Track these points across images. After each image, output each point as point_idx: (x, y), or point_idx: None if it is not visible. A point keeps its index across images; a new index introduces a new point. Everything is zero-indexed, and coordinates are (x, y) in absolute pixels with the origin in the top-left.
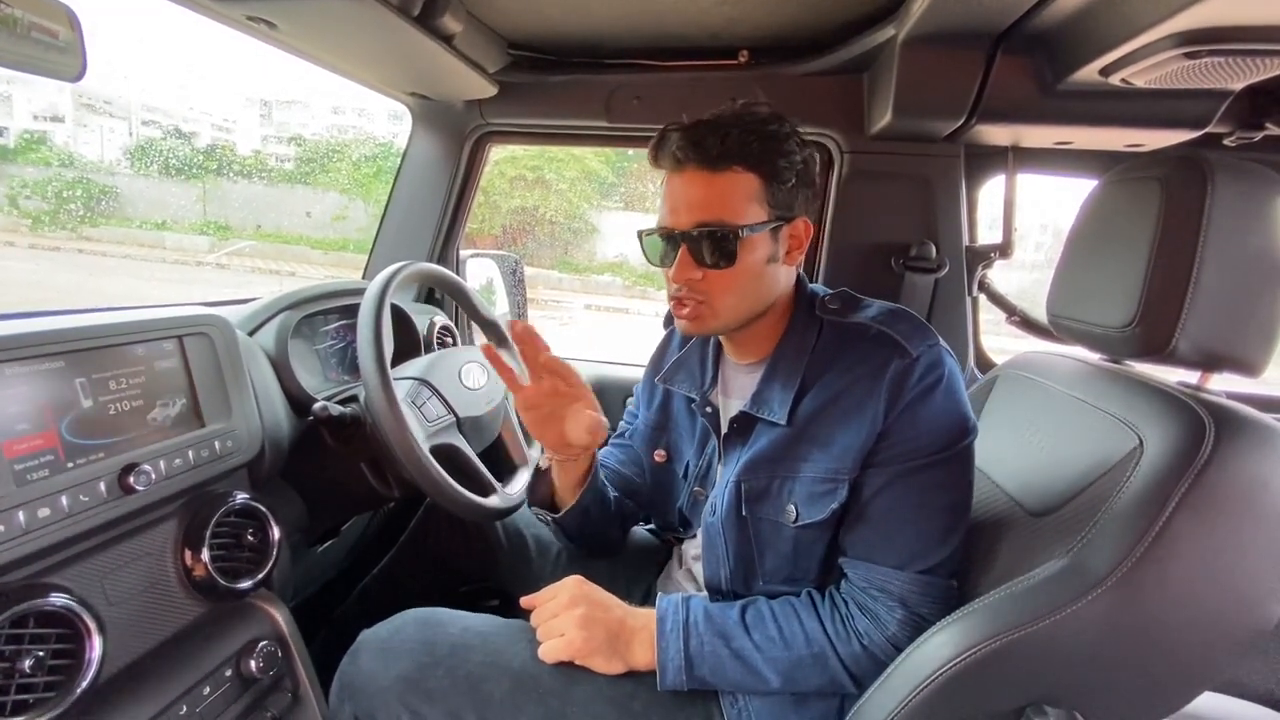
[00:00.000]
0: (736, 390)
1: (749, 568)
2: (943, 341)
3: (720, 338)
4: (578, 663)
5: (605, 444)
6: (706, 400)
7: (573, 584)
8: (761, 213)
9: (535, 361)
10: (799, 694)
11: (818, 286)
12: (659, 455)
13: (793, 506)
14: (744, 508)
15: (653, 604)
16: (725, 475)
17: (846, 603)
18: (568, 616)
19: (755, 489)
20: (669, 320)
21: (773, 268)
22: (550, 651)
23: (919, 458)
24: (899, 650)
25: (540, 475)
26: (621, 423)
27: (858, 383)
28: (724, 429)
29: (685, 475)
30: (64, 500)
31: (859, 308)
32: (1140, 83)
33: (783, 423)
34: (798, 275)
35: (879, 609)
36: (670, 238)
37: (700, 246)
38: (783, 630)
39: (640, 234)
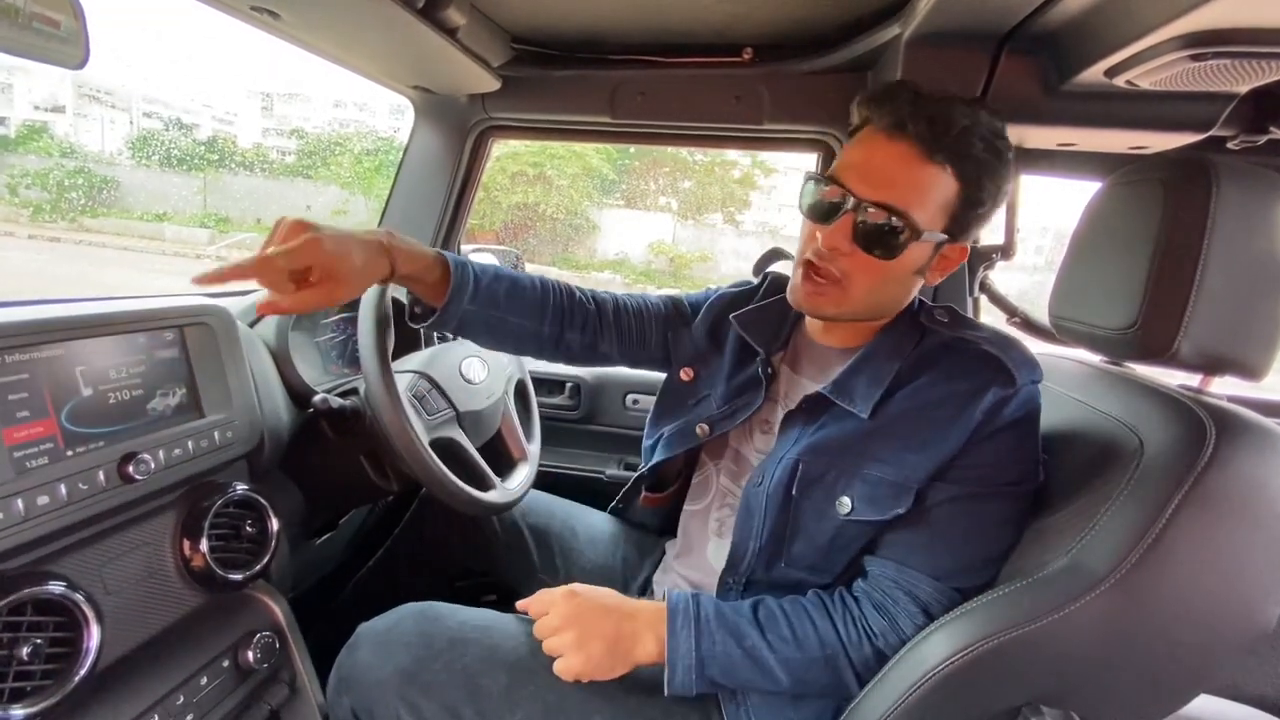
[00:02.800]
0: (808, 367)
1: (778, 547)
2: (1042, 380)
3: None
4: (584, 681)
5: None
6: (770, 362)
7: (563, 599)
8: (941, 223)
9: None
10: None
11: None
12: (685, 374)
13: (847, 499)
14: (795, 487)
15: (651, 599)
16: (782, 449)
17: (859, 601)
18: (562, 639)
19: (812, 473)
20: (761, 265)
21: (915, 280)
22: (558, 673)
23: (988, 486)
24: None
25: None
26: (662, 299)
27: (954, 398)
28: (788, 397)
29: (696, 407)
30: (63, 488)
31: (968, 325)
32: (1145, 84)
33: (864, 416)
34: None
35: (898, 612)
36: (841, 198)
37: (869, 225)
38: (795, 631)
39: (809, 176)
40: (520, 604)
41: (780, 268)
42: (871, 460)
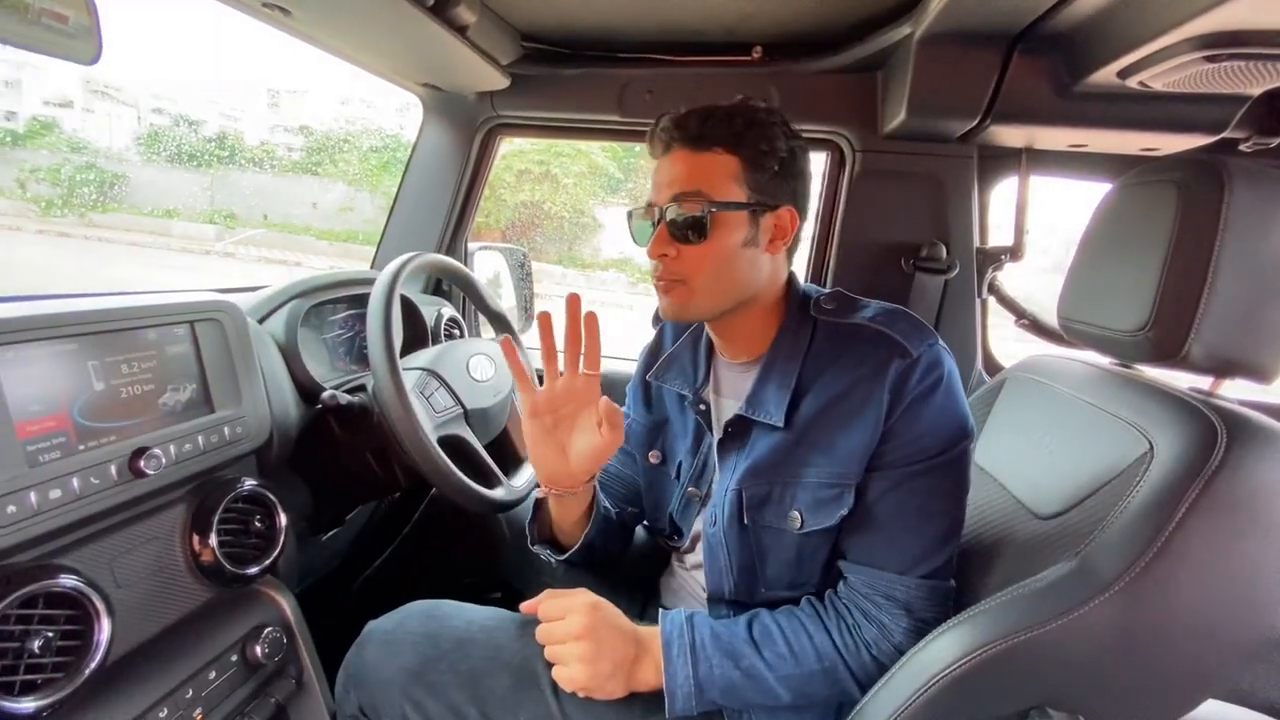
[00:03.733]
0: (730, 389)
1: (752, 576)
2: (941, 341)
3: (710, 334)
4: (581, 696)
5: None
6: (699, 397)
7: (584, 610)
8: (740, 194)
9: (573, 352)
10: None
11: (810, 287)
12: (654, 457)
13: (797, 513)
14: (745, 516)
15: (656, 605)
16: (724, 483)
17: (850, 610)
18: (573, 648)
19: (757, 496)
20: (658, 318)
21: (751, 253)
22: (559, 679)
23: (921, 460)
24: (899, 652)
25: (539, 508)
26: None
27: (859, 384)
28: (719, 431)
29: (678, 476)
30: (75, 482)
31: (856, 308)
32: (1158, 86)
33: (780, 425)
34: (790, 275)
35: (884, 617)
36: (650, 215)
37: (675, 220)
38: (792, 646)
39: (629, 214)
40: (528, 605)
41: None
42: (804, 466)
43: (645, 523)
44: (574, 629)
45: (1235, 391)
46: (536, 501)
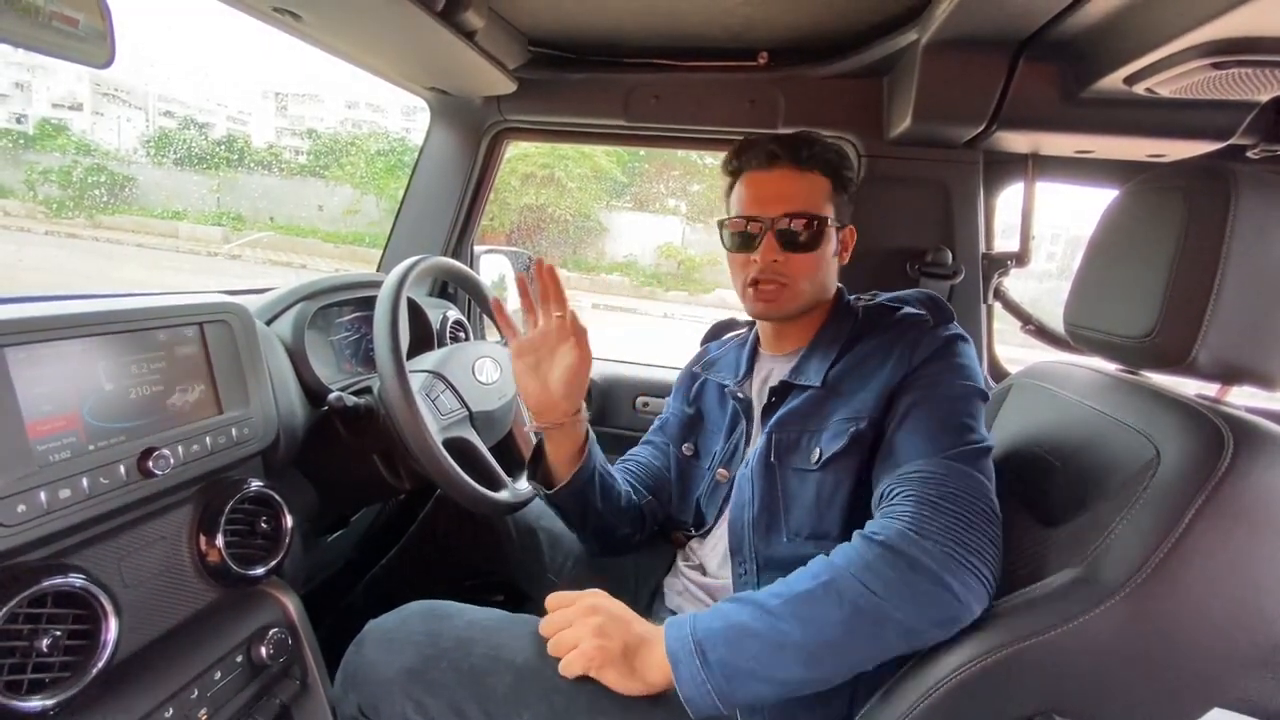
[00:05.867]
0: (772, 376)
1: (773, 517)
2: (961, 328)
3: (764, 331)
4: (592, 675)
5: (624, 446)
6: (740, 387)
7: (590, 594)
8: (830, 211)
9: (545, 300)
10: (808, 696)
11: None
12: (687, 449)
13: (818, 450)
14: (773, 455)
15: (661, 606)
16: (761, 434)
17: (853, 536)
18: (583, 625)
19: (785, 441)
20: (709, 336)
21: (834, 263)
22: (567, 666)
23: (942, 385)
24: (917, 533)
25: (539, 450)
26: (655, 420)
27: (883, 346)
28: (760, 403)
29: (710, 465)
30: (84, 482)
31: (891, 298)
32: (1165, 92)
33: (817, 384)
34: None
35: (891, 507)
36: (757, 225)
37: (787, 232)
38: (790, 580)
39: (721, 223)
40: (550, 600)
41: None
42: (831, 416)
43: (668, 514)
44: (581, 607)
45: (1242, 399)
46: (535, 447)
